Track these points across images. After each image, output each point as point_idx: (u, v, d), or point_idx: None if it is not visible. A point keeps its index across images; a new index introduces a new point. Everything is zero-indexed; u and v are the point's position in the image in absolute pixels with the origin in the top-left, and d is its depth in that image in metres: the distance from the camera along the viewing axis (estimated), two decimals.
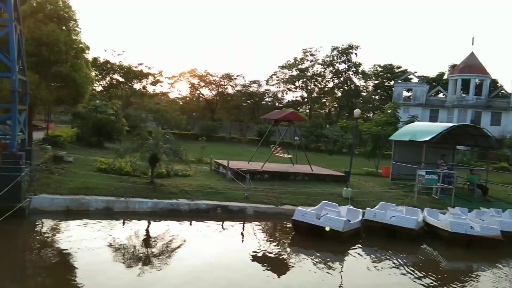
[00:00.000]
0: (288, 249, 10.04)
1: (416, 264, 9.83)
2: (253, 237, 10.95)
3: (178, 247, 9.46)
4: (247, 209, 12.65)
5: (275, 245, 10.17)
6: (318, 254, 9.69)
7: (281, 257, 9.42)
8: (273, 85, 56.91)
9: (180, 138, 28.72)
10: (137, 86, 44.42)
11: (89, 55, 19.29)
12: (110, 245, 8.98)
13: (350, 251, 10.14)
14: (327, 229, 10.17)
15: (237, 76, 52.22)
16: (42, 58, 15.25)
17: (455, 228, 10.97)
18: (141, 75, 42.86)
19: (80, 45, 17.14)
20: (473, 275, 9.71)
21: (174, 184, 13.50)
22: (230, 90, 52.82)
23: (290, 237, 11.02)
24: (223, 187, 13.95)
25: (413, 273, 8.94)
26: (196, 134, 37.13)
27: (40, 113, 27.28)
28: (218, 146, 30.23)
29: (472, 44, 48.25)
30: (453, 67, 55.13)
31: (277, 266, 8.81)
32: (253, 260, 8.97)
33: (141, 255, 8.75)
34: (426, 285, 8.32)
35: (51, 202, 10.96)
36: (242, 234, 11.25)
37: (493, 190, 18.02)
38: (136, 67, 42.22)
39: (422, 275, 8.84)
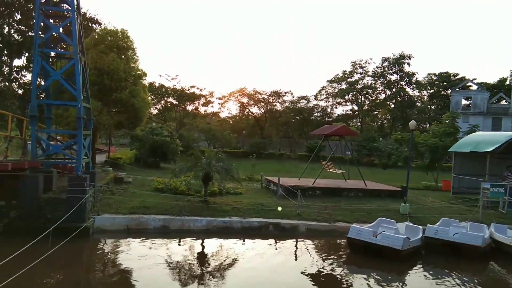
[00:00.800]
0: (344, 268, 9.74)
1: (484, 284, 9.12)
2: (306, 255, 10.77)
3: (232, 264, 9.54)
4: (299, 226, 12.52)
5: (329, 264, 9.92)
6: (375, 273, 9.30)
7: (336, 276, 9.16)
8: (322, 99, 56.51)
9: (231, 156, 29.21)
10: (189, 107, 46.25)
11: (146, 81, 20.49)
12: (168, 263, 9.27)
13: (411, 271, 9.64)
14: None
15: (286, 92, 52.59)
16: (104, 86, 16.44)
17: None
18: (193, 97, 44.65)
19: (138, 72, 18.27)
20: None
21: (227, 202, 13.73)
22: (278, 107, 53.21)
23: (344, 256, 10.71)
24: (275, 205, 13.94)
25: None
26: (246, 151, 37.61)
27: (102, 136, 29.20)
28: (268, 163, 30.38)
29: None
30: None
31: (332, 285, 8.57)
32: (307, 278, 8.82)
33: (197, 272, 8.94)
34: None
35: (112, 221, 11.56)
36: (295, 251, 11.12)
37: None
38: (188, 89, 44.08)
39: None
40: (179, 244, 11.09)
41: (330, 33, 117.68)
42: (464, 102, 51.39)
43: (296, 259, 10.46)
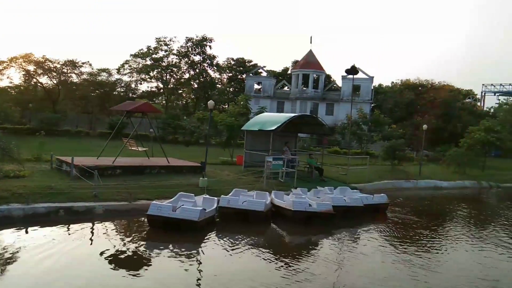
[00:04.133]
0: (144, 245, 9.70)
1: (265, 243, 10.72)
2: (104, 237, 10.20)
3: (14, 259, 8.16)
4: (95, 208, 11.71)
5: (129, 243, 9.69)
6: (174, 246, 9.64)
7: (136, 254, 9.04)
8: (125, 74, 53.77)
9: (12, 133, 24.75)
10: None
11: None
12: None
13: (206, 239, 10.39)
14: None
15: (83, 63, 47.50)
16: None
17: (296, 206, 12.33)
18: None
19: None
20: (312, 245, 11.17)
21: (4, 188, 11.57)
22: (75, 78, 47.67)
23: (145, 233, 10.67)
24: (67, 187, 12.58)
25: (263, 251, 9.72)
26: (33, 128, 32.53)
27: None
28: (62, 141, 27.11)
29: (311, 43, 54.60)
30: (295, 63, 61.20)
31: (134, 264, 8.43)
32: (106, 260, 8.39)
33: None
34: (274, 259, 9.15)
35: None
36: (91, 236, 10.39)
37: (328, 171, 20.80)
38: None
39: (270, 251, 9.70)
40: None
41: (134, 6, 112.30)
42: (256, 86, 57.99)
43: (92, 244, 9.79)
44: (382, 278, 8.50)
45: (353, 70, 23.93)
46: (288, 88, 57.13)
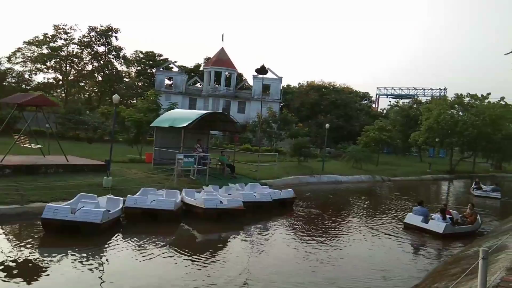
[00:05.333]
0: (38, 252, 8.76)
1: (176, 242, 10.48)
2: None
3: None
4: None
5: (21, 250, 8.67)
6: (73, 251, 8.87)
7: (31, 263, 8.12)
8: (17, 63, 48.22)
9: None
10: None
11: None
12: None
13: (110, 242, 9.77)
14: None
15: None
16: None
17: (207, 204, 12.28)
18: None
19: None
20: (223, 242, 11.21)
21: None
22: None
23: (39, 239, 9.65)
24: None
25: (172, 251, 9.47)
26: None
27: None
28: None
29: (222, 41, 54.68)
30: (207, 60, 60.94)
31: (26, 273, 7.53)
32: None
33: None
34: (184, 259, 8.98)
35: None
36: None
37: (239, 168, 21.13)
38: None
39: (180, 251, 9.48)
40: None
41: None
42: (167, 81, 56.40)
43: None
44: (287, 272, 8.84)
45: (262, 70, 24.64)
46: (200, 84, 56.65)
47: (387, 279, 8.68)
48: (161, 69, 54.91)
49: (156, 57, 62.17)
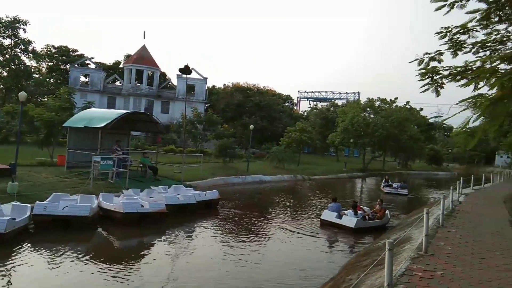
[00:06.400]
0: None
1: (92, 250, 9.81)
2: None
3: None
4: None
5: None
6: None
7: None
8: None
9: None
10: None
11: None
12: None
13: (17, 255, 8.85)
14: None
15: None
16: None
17: (127, 208, 11.72)
18: None
19: None
20: (145, 247, 10.75)
21: None
22: None
23: None
24: None
25: (88, 259, 8.86)
26: None
27: None
28: None
29: (144, 38, 52.66)
30: (128, 57, 58.30)
31: None
32: None
33: None
34: (101, 268, 8.45)
35: None
36: None
37: (163, 170, 20.53)
38: None
39: (97, 259, 8.90)
40: None
41: None
42: (83, 79, 52.81)
43: None
44: (213, 276, 8.77)
45: (186, 70, 24.21)
46: (120, 83, 53.96)
47: (307, 278, 8.95)
48: (76, 65, 51.25)
49: (71, 52, 57.89)
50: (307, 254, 11.11)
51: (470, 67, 7.26)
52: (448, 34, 7.77)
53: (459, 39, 7.75)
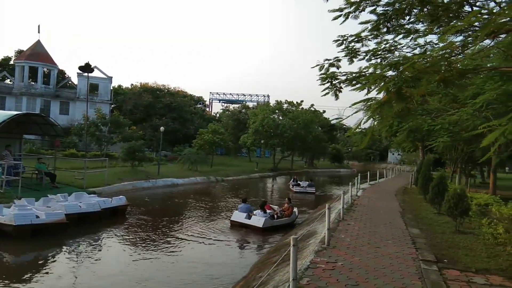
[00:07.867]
0: None
1: None
2: None
3: None
4: None
5: None
6: None
7: None
8: None
9: None
10: None
11: None
12: None
13: None
14: None
15: None
16: None
17: (19, 220, 10.52)
18: None
19: None
20: (42, 262, 9.69)
21: None
22: None
23: None
24: None
25: None
26: None
27: None
28: None
29: (39, 32, 47.71)
30: (19, 53, 52.51)
31: None
32: None
33: None
34: None
35: None
36: None
37: (62, 176, 18.87)
38: None
39: None
40: None
41: None
42: None
43: None
44: (113, 282, 8.33)
45: (87, 68, 22.64)
46: (10, 81, 48.23)
47: (219, 279, 8.95)
48: None
49: None
50: (218, 255, 11.12)
51: (363, 73, 7.95)
52: (344, 42, 8.42)
53: (354, 47, 8.45)
